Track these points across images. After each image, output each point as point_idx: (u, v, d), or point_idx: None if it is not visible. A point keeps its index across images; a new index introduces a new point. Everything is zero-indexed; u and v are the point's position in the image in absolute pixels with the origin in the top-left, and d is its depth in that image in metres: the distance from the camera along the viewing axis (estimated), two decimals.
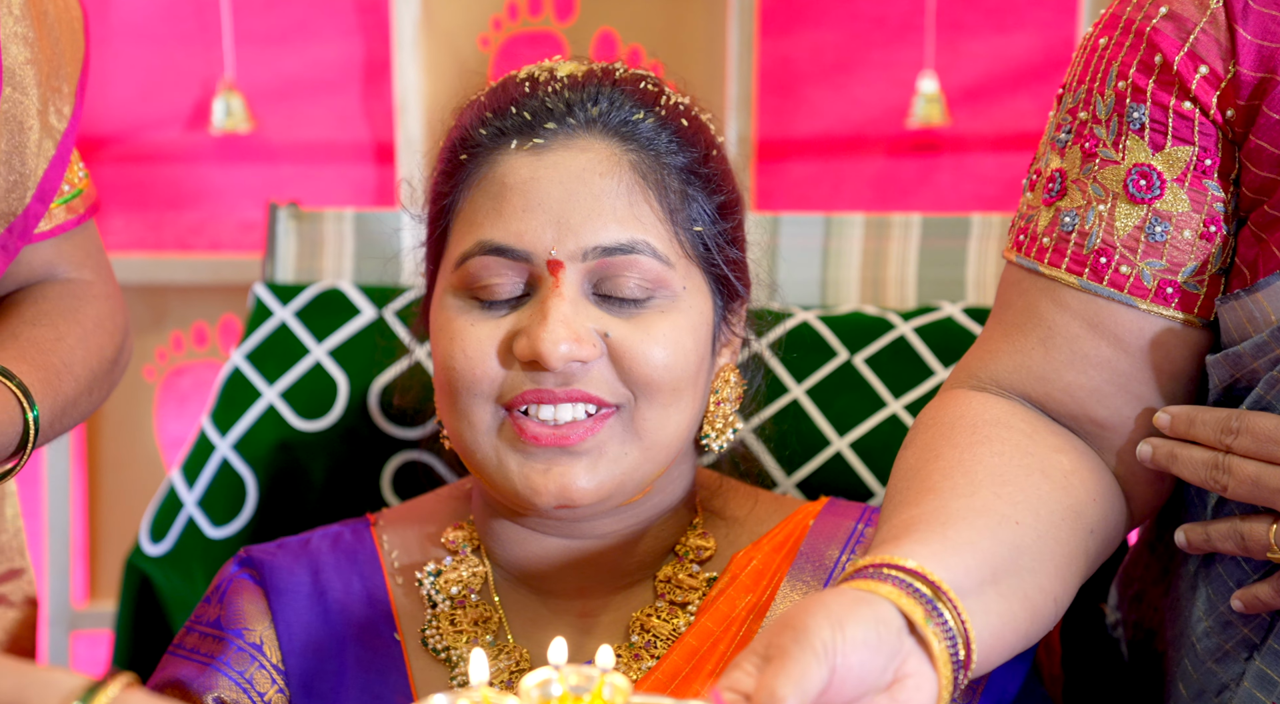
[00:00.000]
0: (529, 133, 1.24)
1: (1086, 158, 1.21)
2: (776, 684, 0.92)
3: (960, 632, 1.01)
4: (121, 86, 2.45)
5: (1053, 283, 1.21)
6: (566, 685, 0.90)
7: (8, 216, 1.26)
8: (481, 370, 1.22)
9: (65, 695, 0.87)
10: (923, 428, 1.23)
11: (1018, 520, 1.11)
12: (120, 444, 2.54)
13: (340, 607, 1.30)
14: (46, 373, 1.27)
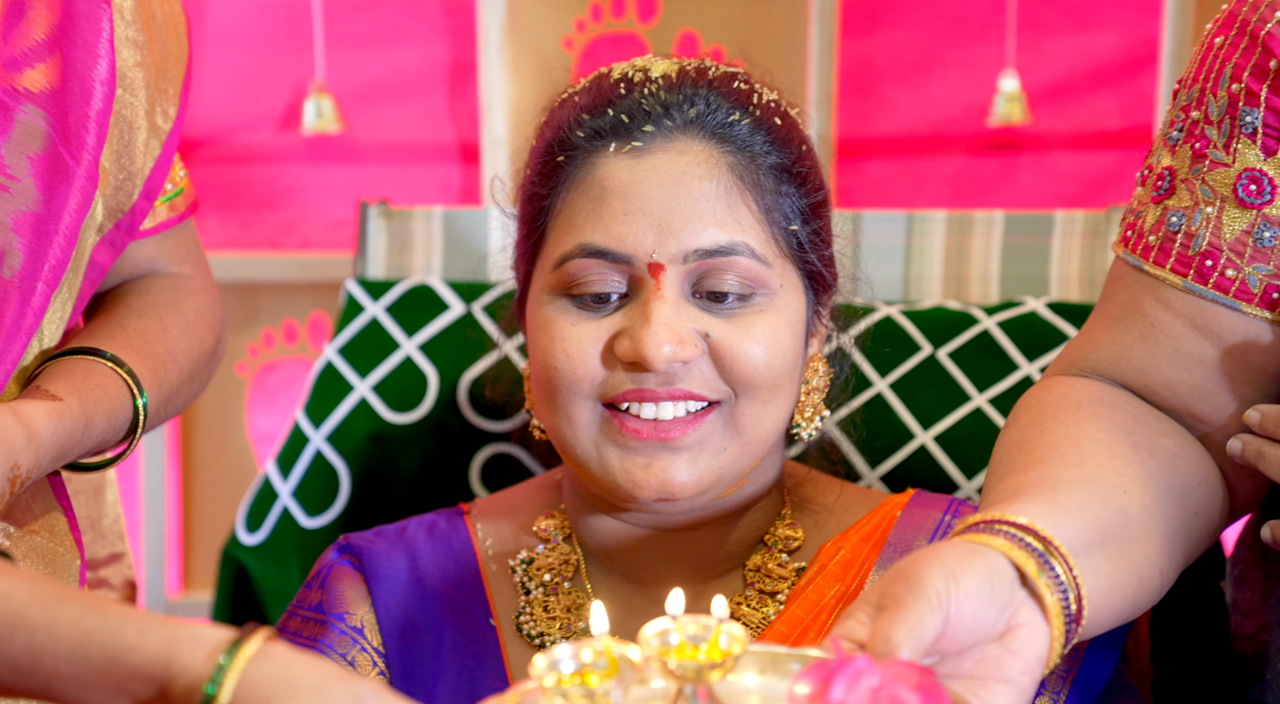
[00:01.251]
0: (627, 135, 1.24)
1: (1196, 158, 1.19)
2: (891, 632, 0.93)
3: (1072, 585, 1.01)
4: (216, 90, 2.48)
5: (1157, 281, 1.20)
6: (684, 635, 0.91)
7: (116, 213, 1.29)
8: (583, 370, 1.23)
9: (211, 649, 0.90)
10: (1025, 408, 1.22)
11: (1125, 490, 1.10)
12: (213, 438, 2.57)
13: (437, 593, 1.32)
14: (153, 362, 1.29)
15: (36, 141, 1.19)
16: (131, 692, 0.91)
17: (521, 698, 0.93)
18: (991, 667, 0.98)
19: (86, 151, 1.22)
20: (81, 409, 1.19)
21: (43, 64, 1.20)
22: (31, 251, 1.19)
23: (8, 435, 1.10)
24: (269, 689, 0.88)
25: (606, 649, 0.89)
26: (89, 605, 0.93)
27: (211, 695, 0.88)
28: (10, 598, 0.93)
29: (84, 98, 1.22)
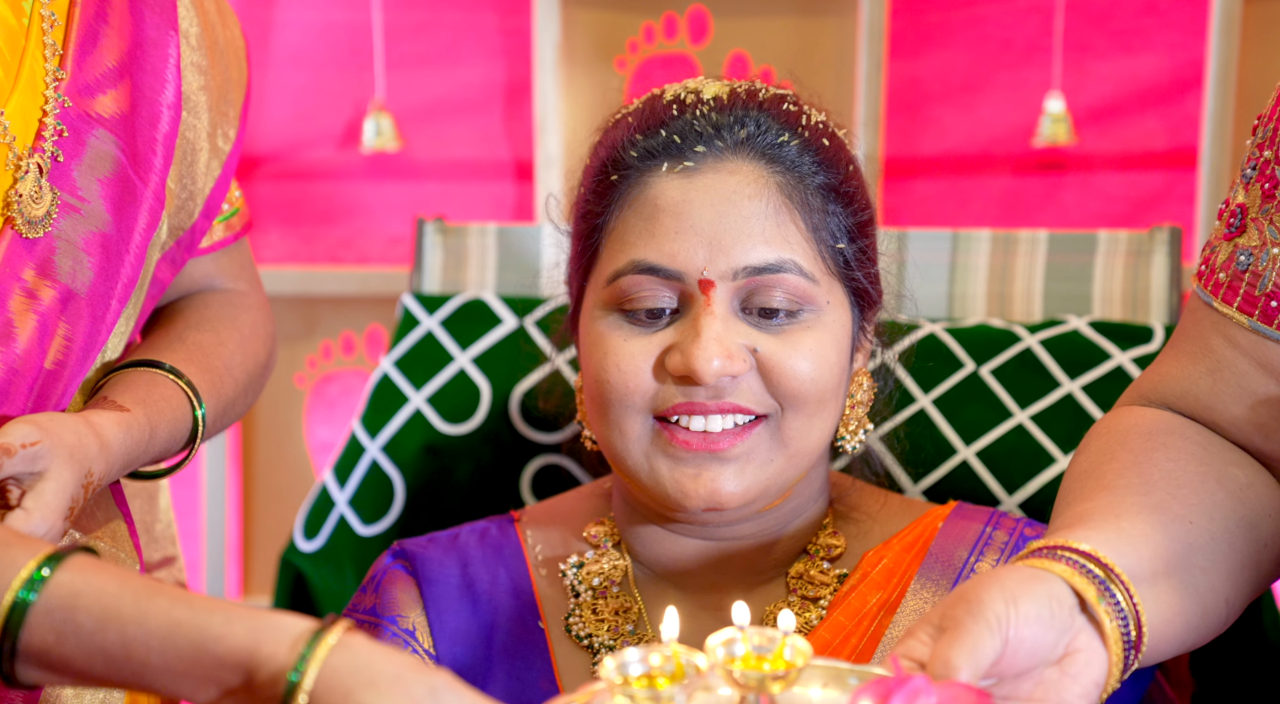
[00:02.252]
0: (679, 155, 1.26)
1: (1266, 198, 1.18)
2: (951, 654, 0.94)
3: (1131, 612, 1.01)
4: (279, 108, 2.51)
5: (1225, 318, 1.19)
6: (750, 645, 0.93)
7: (177, 231, 1.32)
8: (635, 384, 1.24)
9: (295, 639, 0.92)
10: (1096, 436, 1.22)
11: (1191, 520, 1.10)
12: (272, 448, 2.60)
13: (487, 597, 1.34)
14: (211, 375, 1.32)
15: (106, 165, 1.22)
16: (219, 680, 0.93)
17: (591, 697, 0.96)
18: (1050, 690, 0.99)
19: (154, 174, 1.25)
20: (147, 420, 1.22)
21: (113, 90, 1.23)
22: (102, 270, 1.21)
23: (82, 444, 1.13)
24: (349, 678, 0.91)
25: (674, 655, 0.91)
26: (177, 598, 0.95)
27: (295, 683, 0.90)
28: (102, 592, 0.95)
29: (152, 122, 1.25)
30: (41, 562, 0.96)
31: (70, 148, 1.19)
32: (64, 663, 0.95)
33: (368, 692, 0.90)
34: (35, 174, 1.16)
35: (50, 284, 1.18)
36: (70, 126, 1.19)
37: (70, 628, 0.94)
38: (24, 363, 1.16)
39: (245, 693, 0.93)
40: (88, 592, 0.95)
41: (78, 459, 1.12)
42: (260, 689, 0.92)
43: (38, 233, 1.17)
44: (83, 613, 0.94)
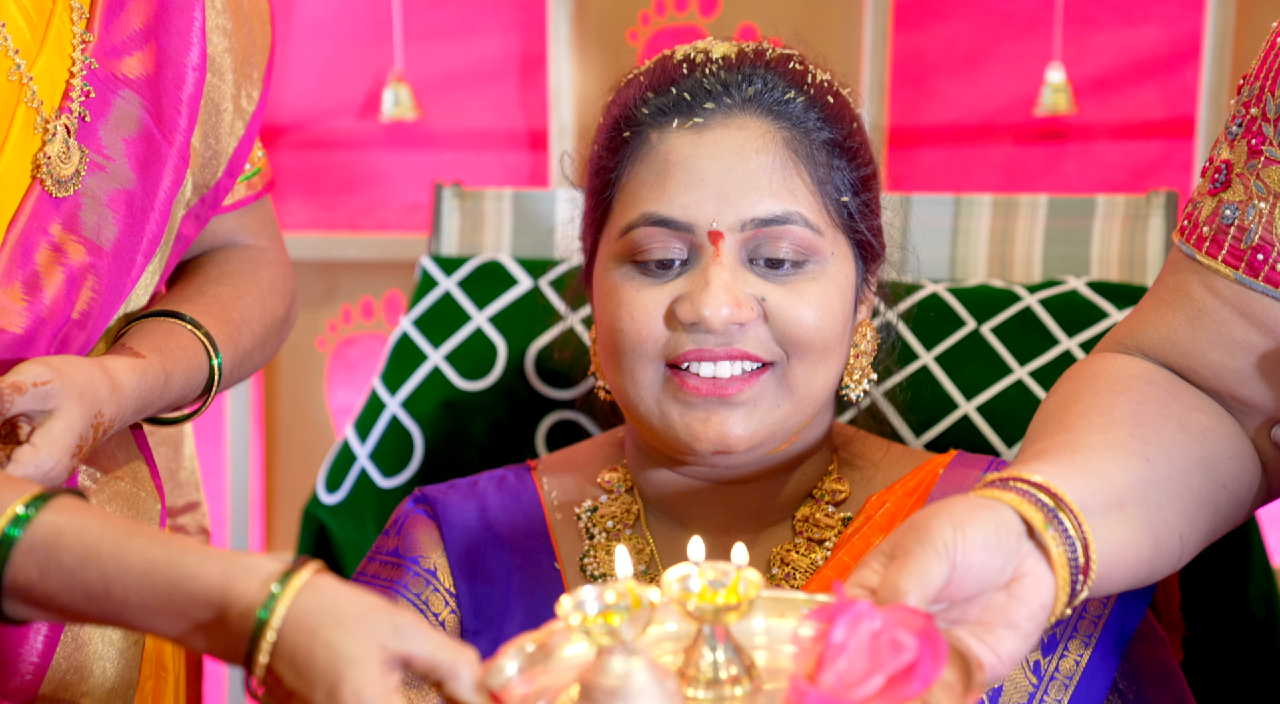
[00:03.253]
0: (689, 112, 1.27)
1: (1252, 154, 1.18)
2: (899, 580, 0.95)
3: (1080, 539, 1.02)
4: (300, 79, 2.53)
5: (1208, 270, 1.19)
6: (705, 580, 0.94)
7: (201, 189, 1.33)
8: (647, 332, 1.26)
9: (265, 579, 0.93)
10: (1066, 380, 1.23)
11: (1149, 458, 1.11)
12: (294, 408, 2.62)
13: (505, 539, 1.36)
14: (229, 326, 1.33)
15: (131, 125, 1.23)
16: (193, 617, 0.94)
17: (549, 635, 0.97)
18: (997, 613, 1.00)
19: (179, 133, 1.26)
20: (162, 366, 1.23)
21: (140, 52, 1.24)
22: (127, 226, 1.23)
23: (94, 386, 1.14)
24: (316, 616, 0.91)
25: (630, 591, 0.92)
26: (154, 539, 0.97)
27: (264, 620, 0.91)
28: (83, 532, 0.97)
29: (177, 83, 1.26)
30: (27, 502, 0.97)
31: (97, 108, 1.21)
32: (48, 598, 0.97)
33: (334, 630, 0.91)
34: (63, 135, 1.17)
35: (77, 239, 1.19)
36: (97, 87, 1.21)
37: (53, 565, 0.96)
38: (51, 313, 1.18)
39: (217, 629, 0.94)
40: (70, 531, 0.96)
41: (88, 400, 1.13)
42: (231, 625, 0.93)
43: (67, 191, 1.18)
44: (65, 551, 0.96)
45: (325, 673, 0.90)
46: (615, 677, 0.88)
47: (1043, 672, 1.22)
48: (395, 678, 0.92)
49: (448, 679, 0.93)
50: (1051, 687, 1.21)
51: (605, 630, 0.90)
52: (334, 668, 0.90)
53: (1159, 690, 1.27)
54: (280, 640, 0.91)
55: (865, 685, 0.88)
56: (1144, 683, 1.25)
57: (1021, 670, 1.22)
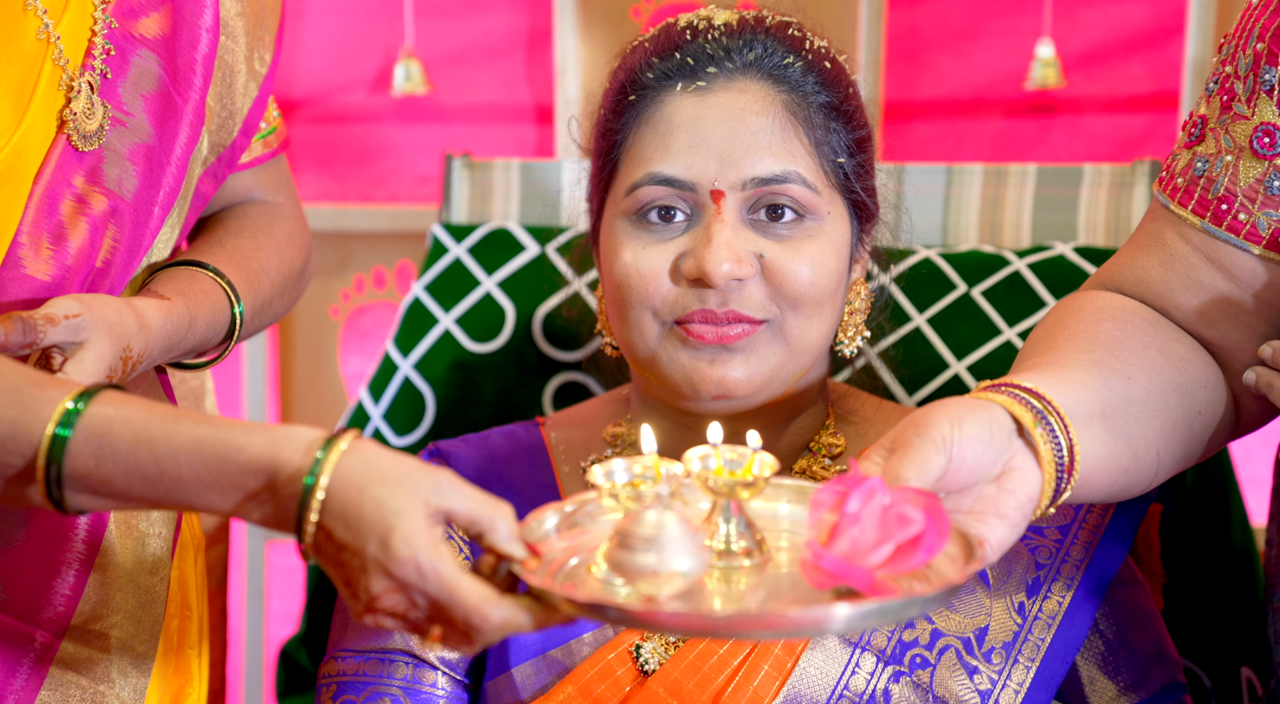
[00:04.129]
0: (692, 76, 1.30)
1: (1224, 109, 1.22)
2: (901, 468, 1.00)
3: (1066, 441, 1.06)
4: (314, 55, 2.53)
5: (1180, 219, 1.24)
6: (722, 460, 0.99)
7: (218, 148, 1.36)
8: (654, 286, 1.28)
9: (309, 445, 0.97)
10: (1055, 312, 1.27)
11: (1130, 376, 1.15)
12: (308, 375, 2.63)
13: (515, 491, 1.39)
14: (249, 276, 1.36)
15: (150, 82, 1.25)
16: (244, 486, 0.97)
17: (580, 503, 1.02)
18: (988, 503, 1.04)
19: (194, 92, 1.28)
20: (186, 308, 1.26)
21: (156, 13, 1.26)
22: (145, 179, 1.25)
23: (122, 321, 1.17)
24: (361, 476, 0.95)
25: (654, 464, 0.97)
26: (199, 419, 1.00)
27: (311, 484, 0.95)
28: (131, 418, 0.99)
29: (191, 43, 1.28)
30: (75, 396, 1.00)
31: (117, 66, 1.23)
32: (105, 484, 0.99)
33: (379, 487, 0.94)
34: (87, 92, 1.20)
35: (99, 191, 1.22)
36: (116, 46, 1.23)
37: (108, 452, 0.98)
38: (76, 261, 1.21)
39: (268, 496, 0.97)
40: (119, 418, 0.99)
41: (117, 334, 1.16)
42: (280, 490, 0.96)
43: (91, 145, 1.21)
44: (116, 438, 0.98)
45: (375, 525, 0.93)
46: (651, 526, 0.92)
47: (1027, 612, 1.25)
48: (440, 529, 0.95)
49: (487, 531, 0.96)
50: (1035, 626, 1.24)
51: (633, 495, 0.94)
52: (383, 520, 0.93)
53: (1138, 631, 1.29)
54: (329, 498, 0.94)
55: (876, 553, 0.92)
56: (1123, 624, 1.28)
57: (1007, 611, 1.25)
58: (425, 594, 0.94)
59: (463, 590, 0.94)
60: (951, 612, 1.25)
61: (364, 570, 0.94)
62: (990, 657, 1.23)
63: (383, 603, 0.95)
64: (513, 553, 0.96)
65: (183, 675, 1.34)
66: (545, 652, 1.29)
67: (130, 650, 1.27)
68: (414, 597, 0.95)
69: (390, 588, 0.94)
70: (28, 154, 1.17)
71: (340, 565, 0.96)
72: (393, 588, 0.94)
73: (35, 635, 1.22)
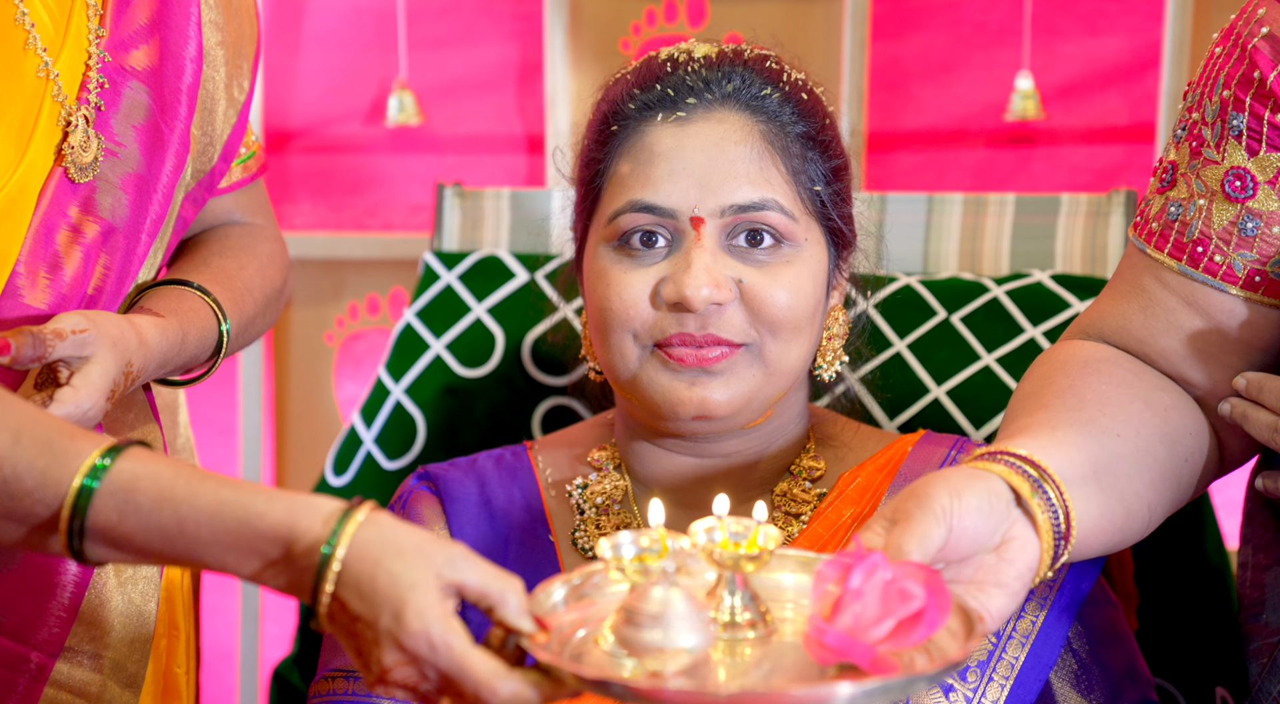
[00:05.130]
0: (672, 106, 1.31)
1: (1194, 155, 1.23)
2: (903, 541, 1.00)
3: (1061, 507, 1.07)
4: (309, 86, 2.54)
5: (1156, 263, 1.25)
6: (727, 532, 0.99)
7: (199, 173, 1.37)
8: (635, 311, 1.29)
9: (328, 517, 0.97)
10: (1039, 365, 1.28)
11: (1118, 433, 1.16)
12: (303, 400, 2.63)
13: (503, 513, 1.39)
14: (234, 294, 1.37)
15: (140, 113, 1.27)
16: (262, 552, 0.97)
17: (587, 576, 1.03)
18: (989, 573, 1.05)
19: (179, 121, 1.30)
20: (179, 326, 1.27)
21: (145, 45, 1.28)
22: (135, 206, 1.27)
23: (124, 337, 1.19)
24: (377, 548, 0.95)
25: (661, 537, 0.97)
26: (223, 481, 1.00)
27: (328, 555, 0.95)
28: (158, 476, 0.99)
29: (177, 74, 1.30)
30: (105, 451, 1.00)
31: (110, 98, 1.24)
32: (126, 539, 0.99)
33: (395, 560, 0.95)
34: (83, 125, 1.21)
35: (93, 220, 1.23)
36: (110, 79, 1.24)
37: (131, 508, 0.98)
38: (71, 289, 1.22)
39: (285, 564, 0.97)
40: (145, 476, 0.99)
41: (120, 349, 1.18)
42: (298, 560, 0.96)
43: (87, 176, 1.22)
44: (141, 494, 0.99)
45: (390, 598, 0.94)
46: (657, 603, 0.93)
47: (1001, 632, 1.25)
48: (451, 603, 0.96)
49: (497, 605, 0.97)
50: (1009, 645, 1.25)
51: (640, 570, 0.95)
52: (397, 593, 0.94)
53: (1110, 650, 1.30)
54: (345, 570, 0.95)
55: (878, 628, 0.93)
56: (1096, 643, 1.29)
57: None
58: (436, 667, 0.94)
59: (473, 664, 0.94)
60: None
61: (377, 642, 0.95)
62: (965, 675, 1.23)
63: (395, 675, 0.96)
64: (522, 627, 0.97)
65: (171, 694, 1.34)
66: None
67: (122, 671, 1.28)
68: (425, 670, 0.95)
69: (402, 661, 0.95)
70: (28, 188, 1.19)
71: (354, 636, 0.96)
72: (405, 661, 0.95)
73: (30, 656, 1.22)
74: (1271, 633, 1.28)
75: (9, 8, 1.18)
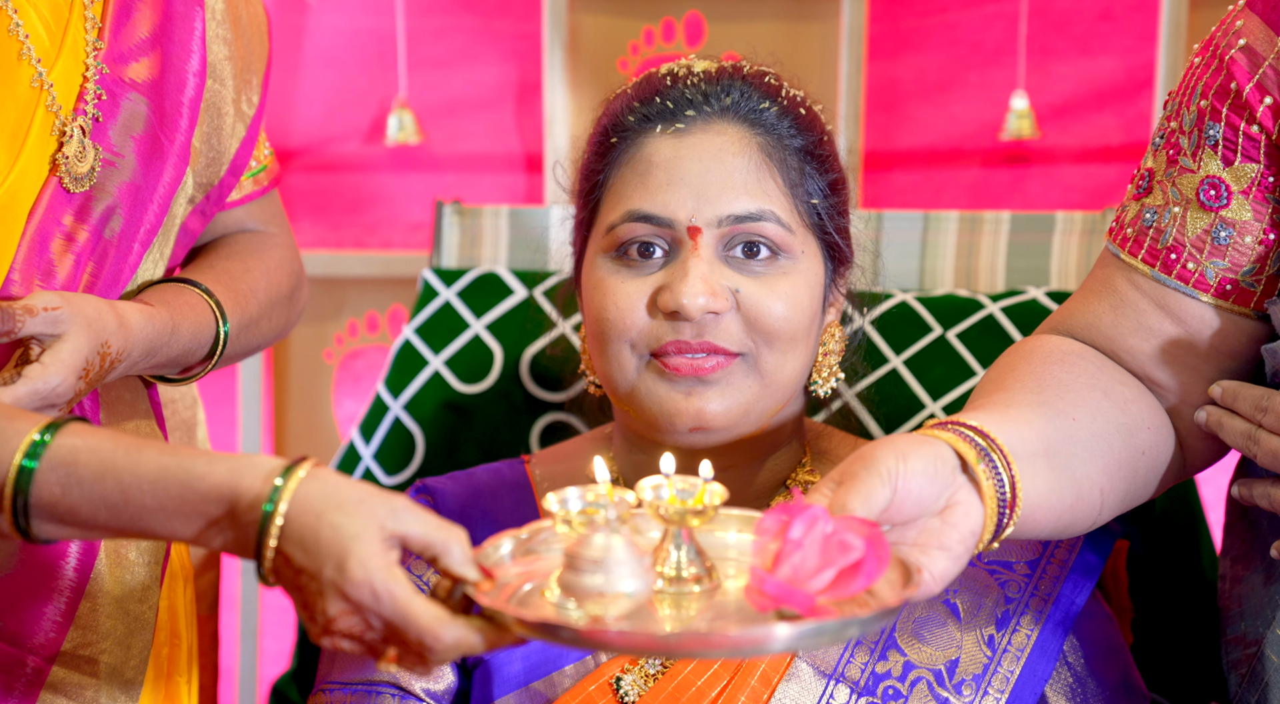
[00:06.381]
0: (671, 119, 1.32)
1: (1170, 163, 1.25)
2: (847, 499, 1.01)
3: (1007, 476, 1.08)
4: (310, 106, 2.55)
5: (1130, 267, 1.26)
6: (674, 489, 1.01)
7: (205, 186, 1.37)
8: (631, 320, 1.30)
9: (268, 473, 0.98)
10: (1006, 355, 1.29)
11: (1074, 418, 1.17)
12: (303, 418, 2.63)
13: (500, 526, 1.38)
14: (235, 295, 1.38)
15: (139, 124, 1.27)
16: (205, 513, 0.98)
17: (534, 531, 1.04)
18: (932, 536, 1.06)
19: (180, 133, 1.30)
20: (169, 316, 1.28)
21: (146, 58, 1.28)
22: (130, 215, 1.27)
23: (101, 317, 1.19)
24: (319, 502, 0.96)
25: (608, 493, 0.98)
26: (164, 449, 1.01)
27: (270, 512, 0.96)
28: (98, 448, 1.00)
29: (179, 87, 1.30)
30: (43, 429, 1.01)
31: (108, 110, 1.25)
32: (71, 513, 1.00)
33: (337, 513, 0.95)
34: (79, 136, 1.22)
35: (86, 228, 1.23)
36: (108, 90, 1.25)
37: (73, 481, 0.99)
38: None
39: (229, 522, 0.98)
40: (85, 449, 1.00)
41: (95, 329, 1.18)
42: (240, 517, 0.97)
43: (82, 186, 1.23)
44: (82, 468, 0.99)
45: (332, 549, 0.95)
46: (598, 548, 0.94)
47: (996, 645, 1.26)
48: (395, 554, 0.96)
49: (441, 555, 0.97)
50: (1005, 658, 1.25)
51: (586, 522, 0.96)
52: (340, 544, 0.95)
53: (1105, 663, 1.30)
54: (287, 524, 0.96)
55: (818, 578, 0.94)
56: (1091, 656, 1.29)
57: (977, 643, 1.26)
58: (380, 616, 0.95)
59: (416, 612, 0.95)
60: (923, 644, 1.26)
61: (321, 593, 0.96)
62: (961, 689, 1.23)
63: (339, 625, 0.96)
64: (466, 575, 0.97)
65: (172, 701, 1.34)
66: (528, 684, 1.29)
67: (119, 676, 1.28)
68: (369, 618, 0.96)
69: (346, 610, 0.96)
70: (20, 196, 1.19)
71: (299, 589, 0.97)
72: (349, 610, 0.96)
73: (26, 660, 1.22)
74: (1250, 644, 1.28)
75: (3, 19, 1.19)
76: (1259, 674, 1.26)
